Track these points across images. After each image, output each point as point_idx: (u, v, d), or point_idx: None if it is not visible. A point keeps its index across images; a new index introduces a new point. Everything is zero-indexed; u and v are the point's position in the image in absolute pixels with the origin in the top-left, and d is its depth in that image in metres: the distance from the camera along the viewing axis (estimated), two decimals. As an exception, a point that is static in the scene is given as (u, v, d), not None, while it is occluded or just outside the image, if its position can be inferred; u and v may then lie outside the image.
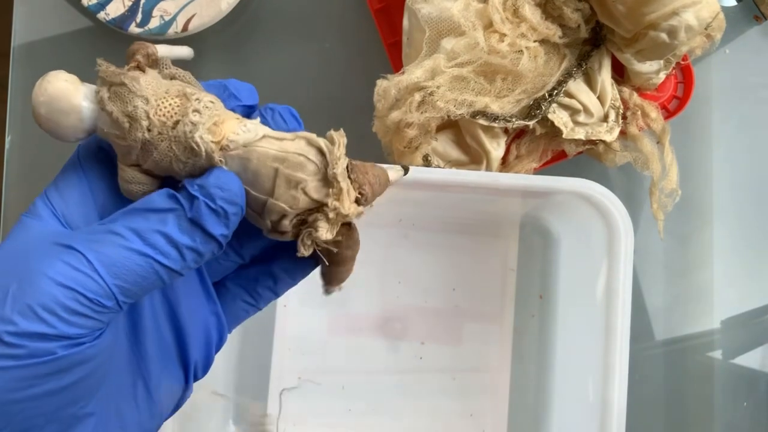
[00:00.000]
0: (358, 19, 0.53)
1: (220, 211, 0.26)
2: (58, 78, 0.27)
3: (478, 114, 0.43)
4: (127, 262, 0.25)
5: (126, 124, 0.26)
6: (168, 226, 0.25)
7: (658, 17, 0.40)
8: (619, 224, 0.42)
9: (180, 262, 0.25)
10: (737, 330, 0.54)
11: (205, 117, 0.26)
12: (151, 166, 0.27)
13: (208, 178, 0.26)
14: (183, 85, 0.27)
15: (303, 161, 0.27)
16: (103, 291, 0.24)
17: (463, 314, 0.52)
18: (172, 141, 0.26)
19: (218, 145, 0.26)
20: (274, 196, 0.26)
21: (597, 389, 0.43)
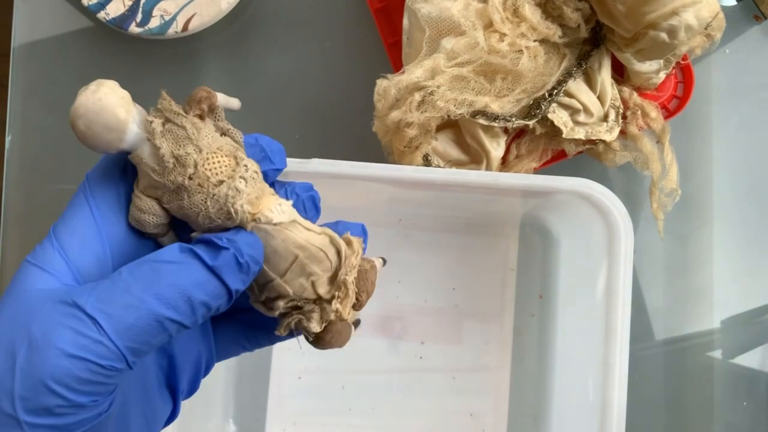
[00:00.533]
0: (358, 19, 0.53)
1: (245, 265, 0.26)
2: (115, 91, 0.26)
3: (478, 113, 0.43)
4: (138, 323, 0.24)
5: (170, 164, 0.26)
6: (182, 280, 0.25)
7: (658, 17, 0.40)
8: (619, 224, 0.42)
9: (191, 317, 0.25)
10: (737, 330, 0.54)
11: (249, 188, 0.27)
12: (173, 208, 0.27)
13: (238, 234, 0.26)
14: (235, 147, 0.28)
15: (322, 257, 0.28)
16: (115, 355, 0.24)
17: (463, 314, 0.52)
18: (209, 197, 0.26)
19: (253, 216, 0.27)
20: (284, 278, 0.27)
21: (597, 389, 0.43)
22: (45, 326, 0.24)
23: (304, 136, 0.53)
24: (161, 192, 0.27)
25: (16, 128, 0.53)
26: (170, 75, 0.53)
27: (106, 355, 0.24)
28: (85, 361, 0.23)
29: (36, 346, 0.23)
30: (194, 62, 0.53)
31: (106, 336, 0.24)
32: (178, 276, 0.25)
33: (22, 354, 0.23)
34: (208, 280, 0.25)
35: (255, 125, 0.53)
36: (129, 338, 0.24)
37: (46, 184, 0.53)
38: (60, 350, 0.23)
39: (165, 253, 0.25)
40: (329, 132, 0.53)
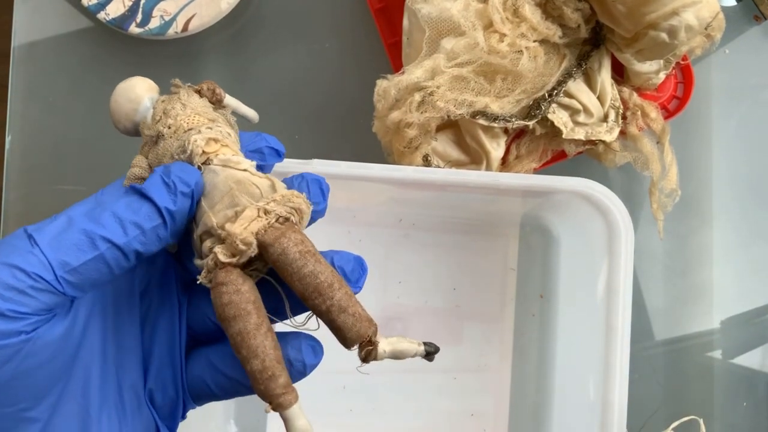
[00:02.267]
0: (358, 19, 0.53)
1: (170, 184, 0.27)
2: (143, 79, 0.31)
3: (478, 114, 0.43)
4: (68, 236, 0.25)
5: (158, 116, 0.29)
6: (114, 204, 0.26)
7: (658, 17, 0.40)
8: (619, 223, 0.42)
9: (122, 236, 0.25)
10: (737, 330, 0.54)
11: (212, 132, 0.29)
12: (152, 158, 0.29)
13: (174, 162, 0.28)
14: (220, 116, 0.30)
15: (254, 191, 0.27)
16: (42, 264, 0.24)
17: (463, 314, 0.52)
18: (176, 139, 0.29)
19: (205, 155, 0.28)
20: (213, 209, 0.27)
21: (597, 389, 0.43)
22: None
23: (304, 137, 0.53)
24: (148, 147, 0.30)
25: (16, 128, 0.53)
26: (170, 75, 0.53)
27: (33, 262, 0.24)
28: (13, 268, 0.24)
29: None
30: (194, 62, 0.53)
31: (38, 247, 0.25)
32: (111, 201, 0.26)
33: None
34: (139, 203, 0.26)
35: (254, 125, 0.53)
36: (57, 248, 0.25)
37: (46, 184, 0.53)
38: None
39: (106, 188, 0.27)
40: (329, 132, 0.53)
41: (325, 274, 0.26)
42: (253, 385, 0.26)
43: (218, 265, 0.27)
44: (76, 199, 0.53)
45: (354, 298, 0.27)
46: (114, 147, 0.53)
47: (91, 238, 0.25)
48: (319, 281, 0.26)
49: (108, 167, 0.53)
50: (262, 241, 0.26)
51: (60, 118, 0.53)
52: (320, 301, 0.26)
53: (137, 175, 0.29)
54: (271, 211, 0.27)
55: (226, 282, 0.26)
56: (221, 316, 0.26)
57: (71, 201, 0.53)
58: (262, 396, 0.27)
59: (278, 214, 0.27)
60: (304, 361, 0.29)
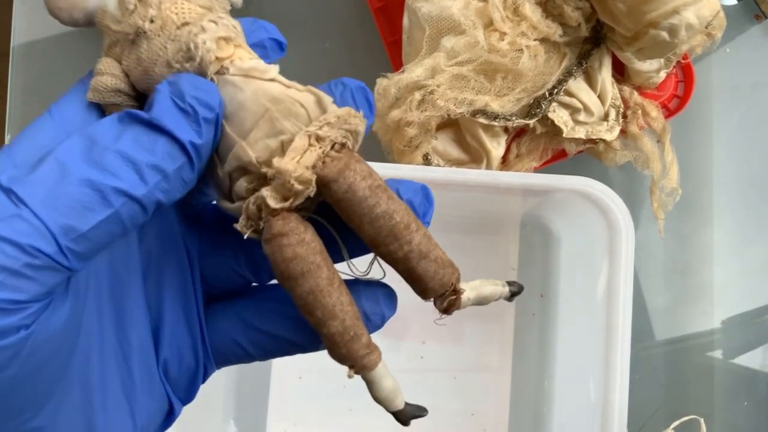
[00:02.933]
0: (357, 18, 0.53)
1: (189, 110, 0.20)
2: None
3: (478, 113, 0.43)
4: (70, 191, 0.18)
5: (131, 5, 0.22)
6: (121, 142, 0.19)
7: (659, 16, 0.40)
8: (619, 222, 0.42)
9: (141, 185, 0.19)
10: (737, 330, 0.54)
11: (219, 28, 0.22)
12: (131, 64, 0.22)
13: (180, 76, 0.21)
14: (212, 3, 0.23)
15: (300, 112, 0.22)
16: (38, 232, 0.18)
17: (463, 313, 0.52)
18: (170, 39, 0.22)
19: (219, 61, 0.22)
20: (248, 139, 0.21)
21: (598, 388, 0.43)
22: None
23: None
24: (120, 48, 0.22)
25: (15, 128, 0.53)
26: (170, 74, 0.53)
27: (26, 231, 0.18)
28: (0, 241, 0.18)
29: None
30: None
31: (26, 207, 0.18)
32: (116, 139, 0.19)
33: None
34: (152, 138, 0.20)
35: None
36: (57, 209, 0.18)
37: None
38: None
39: (100, 122, 0.20)
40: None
41: (400, 213, 0.22)
42: (332, 348, 0.22)
43: (269, 211, 0.21)
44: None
45: (433, 240, 0.23)
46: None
47: (101, 191, 0.19)
48: (395, 222, 0.22)
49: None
50: (322, 176, 0.21)
51: (59, 117, 0.53)
52: (396, 247, 0.22)
53: (111, 87, 0.22)
54: (326, 137, 0.21)
55: (286, 232, 0.21)
56: (284, 273, 0.21)
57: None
58: (342, 360, 0.23)
59: (333, 140, 0.22)
60: (383, 313, 0.25)
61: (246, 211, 0.22)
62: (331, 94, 0.23)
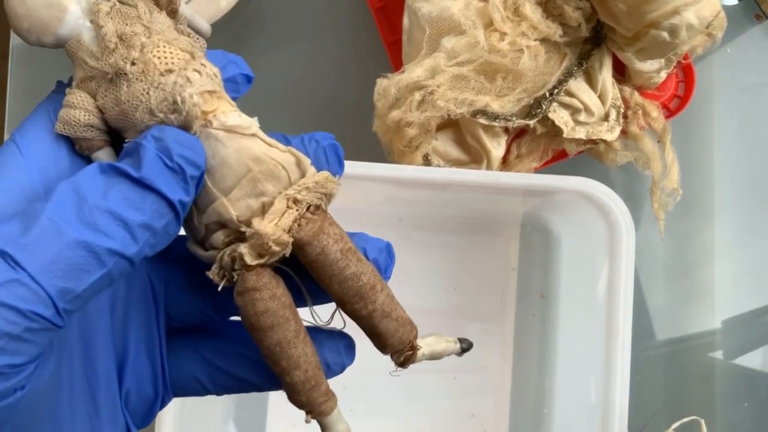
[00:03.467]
0: (358, 19, 0.53)
1: (177, 169, 0.20)
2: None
3: (478, 113, 0.43)
4: (64, 253, 0.19)
5: (111, 44, 0.22)
6: (110, 200, 0.19)
7: (659, 16, 0.40)
8: (620, 223, 0.42)
9: (132, 244, 0.19)
10: (738, 330, 0.54)
11: (204, 80, 0.22)
12: (108, 103, 0.22)
13: (165, 131, 0.21)
14: (192, 46, 0.23)
15: (282, 174, 0.22)
16: (37, 297, 0.18)
17: (464, 314, 0.52)
18: (153, 86, 0.22)
19: (204, 115, 0.22)
20: (229, 197, 0.22)
21: (598, 389, 0.43)
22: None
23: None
24: (96, 84, 0.22)
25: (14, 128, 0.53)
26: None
27: (25, 296, 0.18)
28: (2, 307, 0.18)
29: None
30: (194, 62, 0.53)
31: (24, 272, 0.18)
32: (104, 196, 0.19)
33: None
34: (141, 196, 0.20)
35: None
36: (54, 274, 0.18)
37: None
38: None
39: (83, 173, 0.20)
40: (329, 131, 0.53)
41: (367, 275, 0.23)
42: (292, 395, 0.24)
43: (245, 266, 0.22)
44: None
45: (395, 299, 0.24)
46: (113, 147, 0.53)
47: (95, 252, 0.19)
48: (362, 283, 0.23)
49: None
50: (297, 239, 0.22)
51: (59, 117, 0.53)
52: (361, 306, 0.23)
53: (84, 122, 0.22)
54: (303, 200, 0.22)
55: (259, 287, 0.22)
56: (254, 325, 0.22)
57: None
58: (301, 406, 0.24)
59: (309, 202, 0.23)
60: (343, 363, 0.26)
61: (220, 262, 0.23)
62: (305, 149, 0.24)
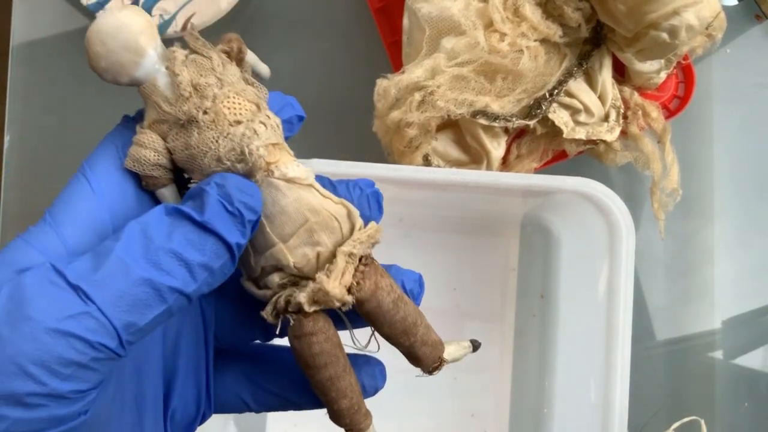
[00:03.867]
0: (358, 19, 0.53)
1: (236, 213, 0.22)
2: (140, 13, 0.24)
3: (478, 113, 0.43)
4: (130, 290, 0.20)
5: (187, 93, 0.23)
6: (174, 241, 0.21)
7: (659, 17, 0.40)
8: (620, 223, 0.42)
9: (192, 283, 0.21)
10: (738, 330, 0.54)
11: (269, 133, 0.24)
12: (178, 147, 0.24)
13: (228, 178, 0.23)
14: (258, 97, 0.25)
15: (335, 227, 0.25)
16: (105, 329, 0.20)
17: (464, 314, 0.52)
18: (222, 135, 0.23)
19: (267, 165, 0.24)
20: (288, 244, 0.24)
21: (598, 389, 0.43)
22: (19, 296, 0.20)
23: (303, 136, 0.53)
24: (168, 127, 0.24)
25: (15, 128, 0.53)
26: (170, 75, 0.53)
27: (94, 328, 0.19)
28: (71, 337, 0.19)
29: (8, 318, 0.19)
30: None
31: (94, 305, 0.20)
32: (169, 237, 0.21)
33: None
34: (202, 238, 0.21)
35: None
36: (121, 308, 0.20)
37: (46, 184, 0.53)
38: (38, 323, 0.19)
39: (150, 215, 0.22)
40: (329, 132, 0.53)
41: (412, 315, 0.26)
42: (338, 419, 0.26)
43: (303, 314, 0.24)
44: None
45: (430, 327, 0.27)
46: (113, 147, 0.53)
47: (158, 289, 0.21)
48: (408, 323, 0.26)
49: (107, 167, 0.53)
50: (358, 297, 0.25)
51: (59, 118, 0.53)
52: (405, 339, 0.26)
53: (153, 162, 0.24)
54: (358, 254, 0.25)
55: (315, 332, 0.24)
56: (309, 364, 0.25)
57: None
58: (344, 426, 0.27)
59: (363, 254, 0.25)
60: (377, 386, 0.29)
61: (275, 304, 0.25)
62: (349, 195, 0.26)
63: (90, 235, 0.23)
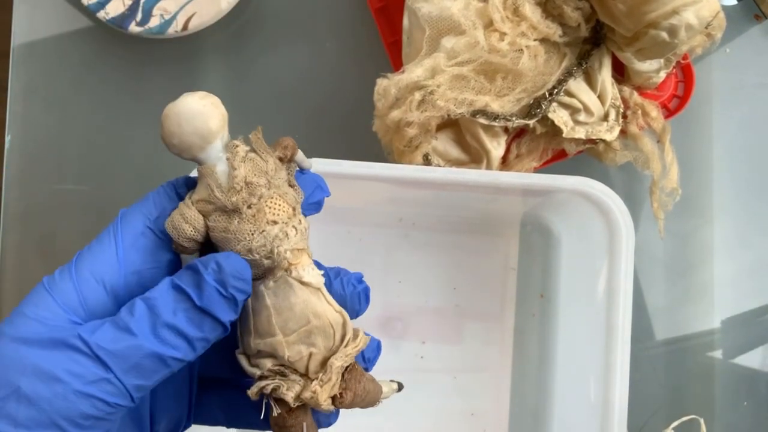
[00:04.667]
0: (358, 19, 0.53)
1: (230, 298, 0.26)
2: (217, 106, 0.27)
3: (478, 113, 0.43)
4: (142, 362, 0.25)
5: (238, 187, 0.27)
6: (177, 318, 0.26)
7: (659, 16, 0.40)
8: (620, 222, 0.42)
9: (191, 353, 0.26)
10: (738, 330, 0.54)
11: (297, 239, 0.28)
12: (217, 228, 0.27)
13: (224, 264, 0.26)
14: (296, 201, 0.28)
15: (330, 334, 0.28)
16: (121, 393, 0.25)
17: (463, 313, 0.52)
18: (258, 231, 0.27)
19: (288, 265, 0.28)
20: (287, 339, 0.27)
21: (598, 389, 0.43)
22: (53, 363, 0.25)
23: (304, 136, 0.53)
24: (213, 209, 0.27)
25: (15, 128, 0.53)
26: (170, 74, 0.53)
27: (112, 392, 0.25)
28: (93, 399, 0.24)
29: (44, 379, 0.24)
30: (194, 62, 0.53)
31: (113, 374, 0.25)
32: (174, 317, 0.26)
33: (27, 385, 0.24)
34: (200, 318, 0.26)
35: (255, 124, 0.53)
36: (134, 376, 0.25)
37: (46, 184, 0.53)
38: (68, 386, 0.24)
39: (158, 291, 0.26)
40: (329, 131, 0.53)
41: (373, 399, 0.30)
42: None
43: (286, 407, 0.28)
44: (77, 199, 0.53)
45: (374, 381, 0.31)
46: (114, 146, 0.53)
47: (164, 360, 0.26)
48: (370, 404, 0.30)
49: (108, 167, 0.53)
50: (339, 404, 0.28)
51: (60, 117, 0.53)
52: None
53: (189, 236, 0.28)
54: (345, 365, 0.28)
55: (295, 425, 0.28)
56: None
57: (71, 201, 0.53)
58: None
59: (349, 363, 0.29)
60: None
61: (260, 387, 0.28)
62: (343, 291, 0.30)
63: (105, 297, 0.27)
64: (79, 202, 0.53)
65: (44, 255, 0.52)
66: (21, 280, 0.52)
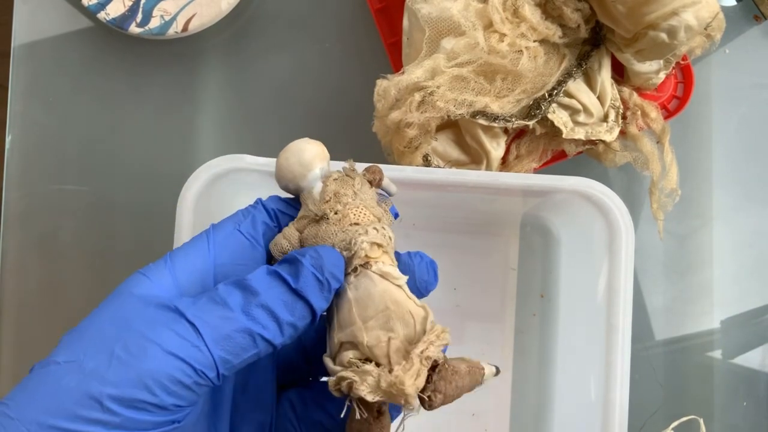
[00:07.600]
0: (358, 19, 0.53)
1: (325, 282, 0.27)
2: (319, 146, 0.31)
3: (478, 114, 0.43)
4: (233, 335, 0.26)
5: (327, 197, 0.30)
6: (272, 301, 0.26)
7: (658, 17, 0.40)
8: (619, 222, 0.42)
9: (279, 337, 0.27)
10: (737, 330, 0.54)
11: (377, 235, 0.29)
12: (309, 235, 0.30)
13: (323, 251, 0.28)
14: (383, 215, 0.31)
15: (410, 321, 0.28)
16: (208, 362, 0.25)
17: (464, 314, 0.52)
18: (341, 231, 0.29)
19: (366, 258, 0.29)
20: (366, 324, 0.28)
21: (598, 388, 0.43)
22: (147, 324, 0.25)
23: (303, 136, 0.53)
24: (307, 222, 0.30)
25: (16, 128, 0.53)
26: (170, 75, 0.53)
27: (200, 360, 0.25)
28: (182, 362, 0.25)
29: (136, 340, 0.25)
30: (194, 62, 0.53)
31: (203, 342, 0.25)
32: (268, 297, 0.26)
33: (122, 345, 0.25)
34: (294, 302, 0.27)
35: (255, 125, 0.53)
36: (223, 348, 0.25)
37: (46, 184, 0.53)
38: (160, 347, 0.25)
39: (255, 275, 0.27)
40: (329, 132, 0.53)
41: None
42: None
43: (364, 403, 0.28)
44: (77, 199, 0.53)
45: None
46: (114, 147, 0.53)
47: (253, 336, 0.26)
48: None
49: (108, 167, 0.53)
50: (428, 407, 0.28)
51: (60, 117, 0.53)
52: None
53: (282, 249, 0.30)
54: (430, 356, 0.28)
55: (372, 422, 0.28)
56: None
57: (72, 201, 0.53)
58: None
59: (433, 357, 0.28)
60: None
61: (338, 384, 0.28)
62: (411, 262, 0.31)
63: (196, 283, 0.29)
64: (79, 202, 0.53)
65: (44, 255, 0.53)
66: (21, 280, 0.52)
